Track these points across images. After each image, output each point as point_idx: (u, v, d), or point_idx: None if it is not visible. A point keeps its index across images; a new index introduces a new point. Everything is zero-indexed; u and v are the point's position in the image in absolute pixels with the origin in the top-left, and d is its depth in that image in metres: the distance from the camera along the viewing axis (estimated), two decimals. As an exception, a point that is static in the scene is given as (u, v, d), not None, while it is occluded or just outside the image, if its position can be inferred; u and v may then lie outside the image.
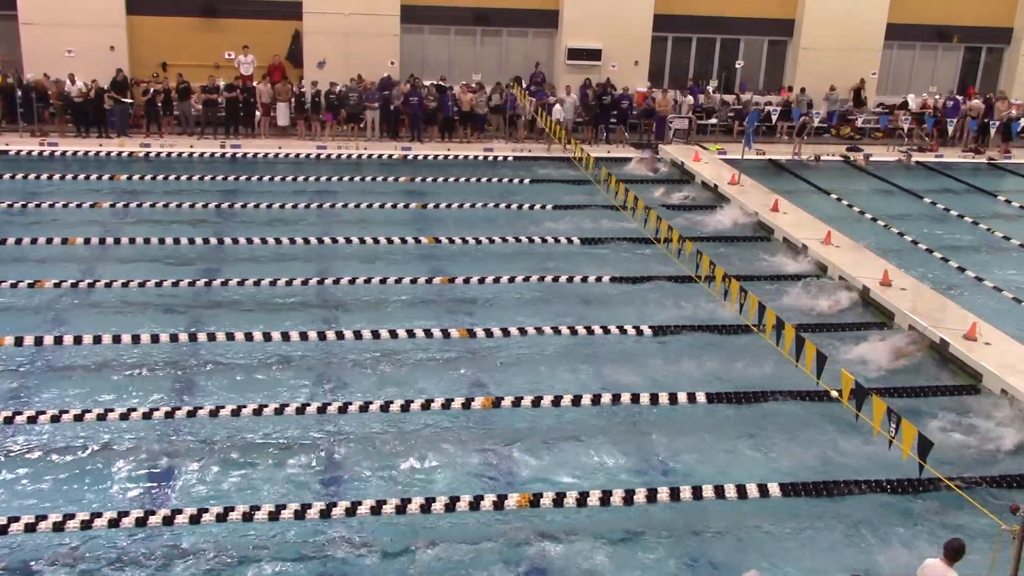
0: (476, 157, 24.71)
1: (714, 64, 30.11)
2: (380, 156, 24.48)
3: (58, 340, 13.22)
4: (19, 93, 24.35)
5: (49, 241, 17.30)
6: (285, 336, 13.63)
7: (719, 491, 10.36)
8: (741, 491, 10.37)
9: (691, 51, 29.95)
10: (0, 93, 24.58)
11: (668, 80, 29.28)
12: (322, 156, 24.20)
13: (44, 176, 21.45)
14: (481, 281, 16.13)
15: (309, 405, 11.73)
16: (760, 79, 30.36)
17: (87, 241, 17.40)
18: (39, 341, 13.19)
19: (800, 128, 26.57)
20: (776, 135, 28.05)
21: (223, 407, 11.56)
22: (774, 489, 10.44)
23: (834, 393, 11.89)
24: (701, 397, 12.37)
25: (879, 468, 10.86)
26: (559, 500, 9.99)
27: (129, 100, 24.76)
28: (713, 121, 28.11)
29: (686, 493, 10.30)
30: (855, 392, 10.92)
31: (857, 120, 28.80)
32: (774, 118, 28.03)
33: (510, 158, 24.73)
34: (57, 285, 15.21)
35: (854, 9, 29.00)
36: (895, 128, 28.41)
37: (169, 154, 23.57)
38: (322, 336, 13.75)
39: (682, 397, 12.35)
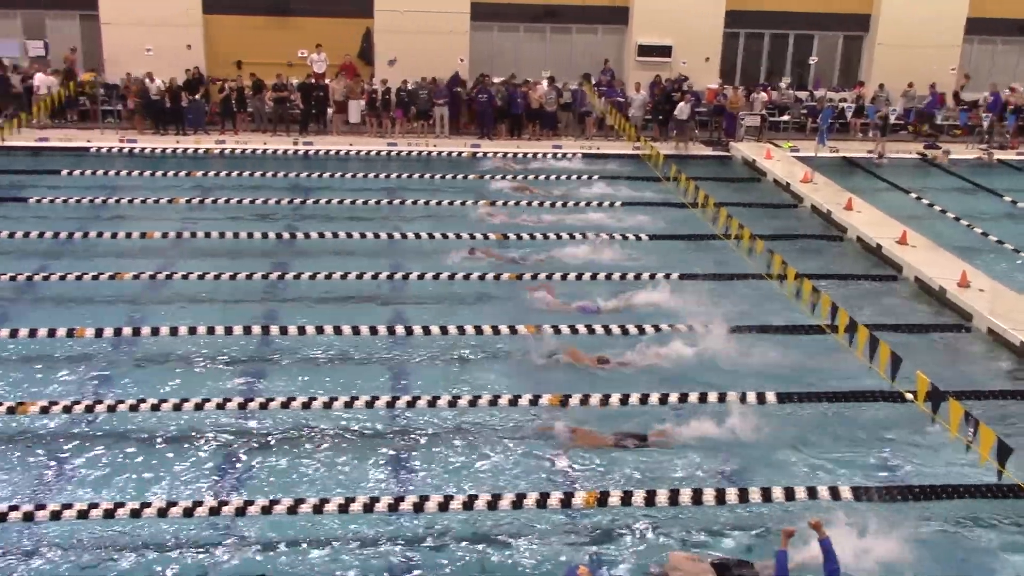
0: (545, 155, 24.67)
1: (787, 60, 29.64)
2: (449, 153, 24.62)
3: (136, 331, 13.57)
4: (102, 91, 25.11)
5: (128, 235, 17.76)
6: (355, 330, 13.79)
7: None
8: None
9: (764, 47, 29.54)
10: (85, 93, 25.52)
11: (740, 77, 28.91)
12: (392, 153, 24.42)
13: (124, 172, 22.02)
14: (549, 277, 16.09)
15: (379, 399, 11.85)
16: (835, 75, 29.79)
17: (164, 235, 17.83)
18: (118, 332, 13.54)
19: (882, 125, 26.05)
20: (851, 132, 27.52)
21: (294, 399, 11.74)
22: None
23: (909, 396, 11.63)
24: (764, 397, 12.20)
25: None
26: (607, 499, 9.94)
27: (197, 97, 25.20)
28: (786, 118, 27.70)
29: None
30: (931, 395, 10.68)
31: (936, 117, 28.10)
32: (848, 115, 27.51)
33: (579, 155, 24.65)
34: (136, 277, 15.61)
35: (933, 3, 28.28)
36: (975, 125, 27.65)
37: (243, 151, 24.01)
38: (391, 331, 13.88)
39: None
